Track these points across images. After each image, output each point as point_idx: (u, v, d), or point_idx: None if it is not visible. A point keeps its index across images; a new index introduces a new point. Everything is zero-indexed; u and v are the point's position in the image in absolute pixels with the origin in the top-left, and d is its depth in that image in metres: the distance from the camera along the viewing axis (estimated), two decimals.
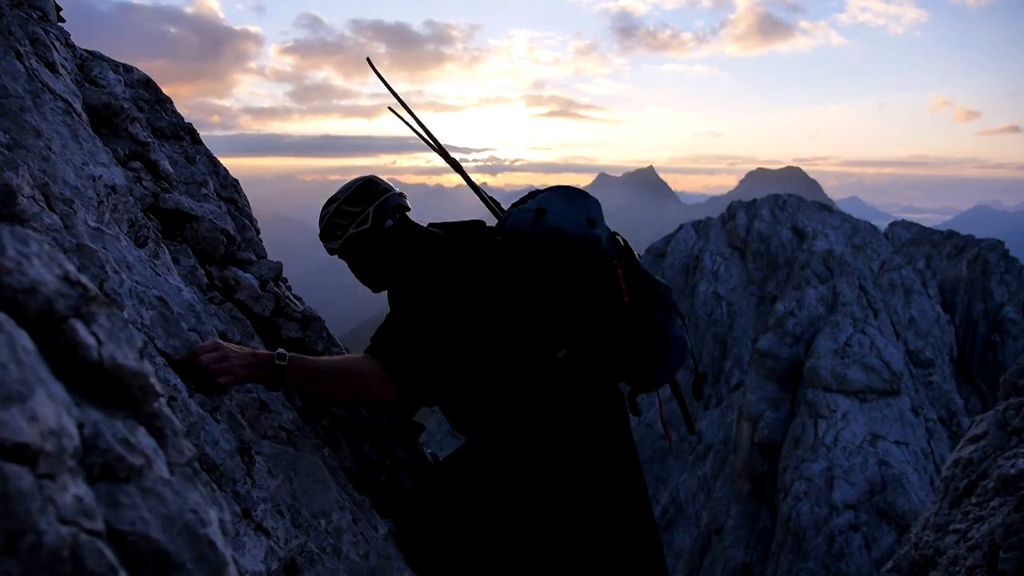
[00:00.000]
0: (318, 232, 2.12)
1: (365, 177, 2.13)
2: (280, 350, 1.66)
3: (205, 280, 1.97)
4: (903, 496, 12.27)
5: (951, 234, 30.29)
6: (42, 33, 1.95)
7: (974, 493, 3.51)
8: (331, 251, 2.12)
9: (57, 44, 2.05)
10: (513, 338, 2.00)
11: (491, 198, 2.54)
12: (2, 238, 0.52)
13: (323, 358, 1.82)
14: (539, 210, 2.12)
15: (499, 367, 1.99)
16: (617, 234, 2.26)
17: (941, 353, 21.04)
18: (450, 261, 2.01)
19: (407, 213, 2.14)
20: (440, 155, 2.57)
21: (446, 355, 1.89)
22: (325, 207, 2.10)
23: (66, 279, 0.56)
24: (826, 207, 31.25)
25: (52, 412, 0.49)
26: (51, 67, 1.87)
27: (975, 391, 23.43)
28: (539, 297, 2.04)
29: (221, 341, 1.56)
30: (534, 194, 2.28)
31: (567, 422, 2.02)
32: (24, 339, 0.50)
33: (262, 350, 1.67)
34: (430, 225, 2.22)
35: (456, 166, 2.58)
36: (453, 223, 2.24)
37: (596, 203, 2.22)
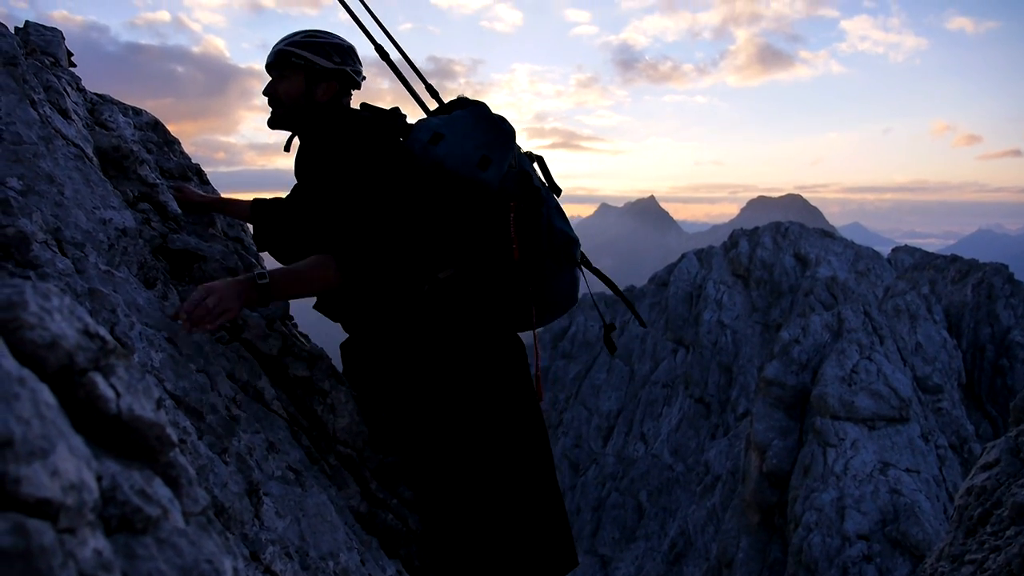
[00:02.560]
0: (298, 39, 2.15)
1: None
2: (258, 270, 1.79)
3: None
4: (916, 525, 12.07)
5: (955, 259, 30.26)
6: (55, 80, 1.99)
7: (989, 522, 3.46)
8: (312, 64, 2.14)
9: (69, 90, 2.09)
10: (395, 245, 2.01)
11: (420, 99, 2.44)
12: (25, 294, 0.54)
13: (291, 268, 1.89)
14: (435, 135, 2.05)
15: (383, 271, 2.02)
16: (536, 159, 2.21)
17: (949, 379, 20.89)
18: (365, 142, 2.05)
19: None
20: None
21: (382, 241, 1.93)
22: (323, 34, 2.18)
23: (85, 332, 0.58)
24: (828, 234, 31.31)
25: (73, 466, 0.50)
26: (64, 113, 1.91)
27: (985, 416, 23.19)
28: (422, 214, 2.01)
29: (207, 285, 1.64)
30: (462, 103, 2.22)
31: (437, 344, 2.05)
32: (46, 394, 0.51)
33: (240, 277, 1.76)
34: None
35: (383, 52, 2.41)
36: (377, 108, 2.23)
37: (504, 136, 2.10)
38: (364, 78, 2.28)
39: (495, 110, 2.18)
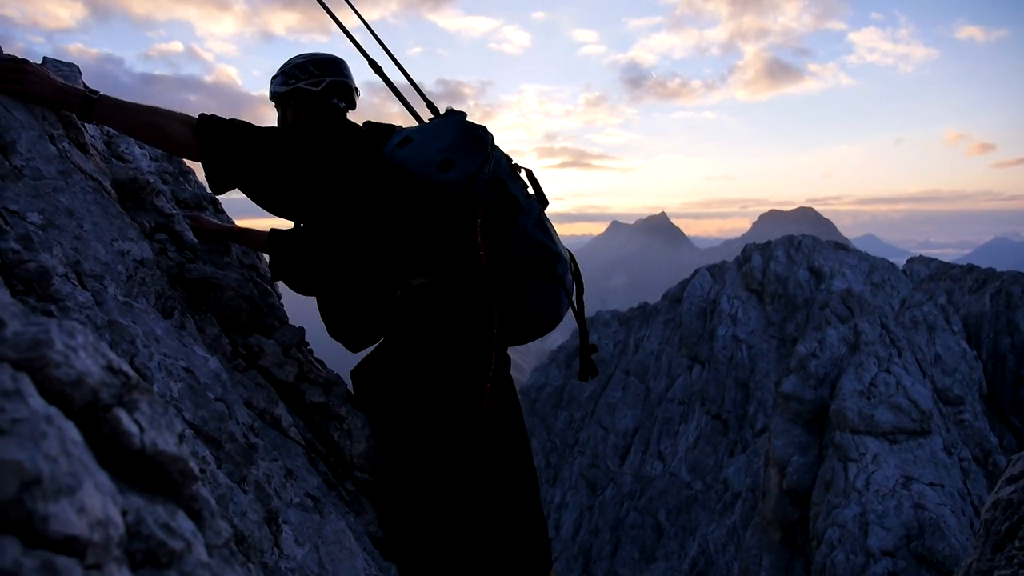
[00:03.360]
0: (274, 76, 2.29)
1: (339, 57, 2.32)
2: (92, 89, 1.84)
3: (229, 348, 2.00)
4: (942, 540, 11.84)
5: (971, 268, 29.89)
6: (73, 115, 2.03)
7: (1017, 536, 3.39)
8: (273, 94, 2.29)
9: (87, 125, 2.13)
10: (365, 249, 2.05)
11: (416, 111, 2.47)
12: (51, 332, 0.55)
13: (136, 103, 1.93)
14: (404, 139, 2.07)
15: (348, 271, 2.09)
16: (525, 171, 2.20)
17: (970, 390, 20.57)
18: (352, 148, 2.09)
19: (349, 110, 2.32)
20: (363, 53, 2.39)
21: (274, 166, 1.96)
22: (294, 58, 2.30)
23: (109, 368, 0.58)
24: (842, 246, 31.09)
25: (99, 502, 0.50)
26: (82, 148, 1.94)
27: (1009, 428, 22.78)
28: (390, 218, 2.03)
29: (31, 63, 1.72)
30: (449, 113, 2.25)
31: (408, 353, 2.04)
32: (72, 431, 0.52)
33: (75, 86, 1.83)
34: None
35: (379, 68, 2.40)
36: (376, 123, 2.27)
37: (472, 141, 2.08)
38: (331, 82, 2.26)
39: (504, 130, 2.22)
